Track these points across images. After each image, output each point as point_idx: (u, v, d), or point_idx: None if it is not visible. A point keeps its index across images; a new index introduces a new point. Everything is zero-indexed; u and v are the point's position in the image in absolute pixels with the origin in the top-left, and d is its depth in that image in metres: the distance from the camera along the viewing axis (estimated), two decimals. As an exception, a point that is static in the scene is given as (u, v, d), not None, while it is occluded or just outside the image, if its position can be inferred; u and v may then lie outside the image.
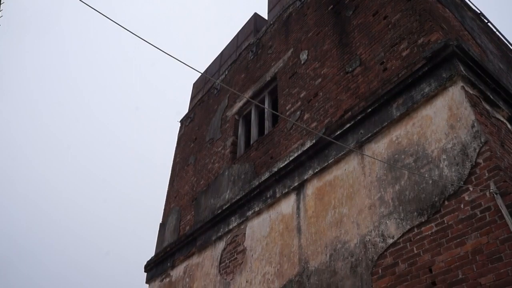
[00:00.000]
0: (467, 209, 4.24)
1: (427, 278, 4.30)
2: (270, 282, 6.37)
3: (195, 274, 8.59)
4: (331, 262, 5.48)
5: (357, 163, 5.76)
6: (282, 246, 6.44)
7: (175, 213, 10.81)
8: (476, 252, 3.99)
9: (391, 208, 5.01)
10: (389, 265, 4.73)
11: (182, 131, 13.24)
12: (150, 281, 10.60)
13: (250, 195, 7.51)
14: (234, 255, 7.52)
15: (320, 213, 6.00)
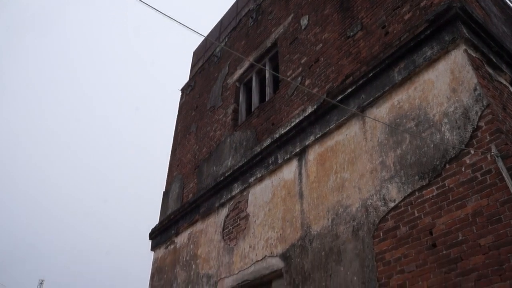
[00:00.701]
0: (468, 172, 4.27)
1: (427, 240, 4.37)
2: (273, 247, 6.47)
3: (199, 240, 8.72)
4: (333, 226, 5.55)
5: (358, 128, 5.77)
6: (285, 212, 6.51)
7: (178, 181, 10.90)
8: (476, 214, 4.04)
9: (392, 172, 5.04)
10: (390, 228, 4.79)
11: (183, 99, 13.20)
12: (155, 248, 10.77)
13: (252, 161, 7.55)
14: (237, 221, 7.61)
15: (321, 178, 6.05)
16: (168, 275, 9.51)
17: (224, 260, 7.60)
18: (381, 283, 4.64)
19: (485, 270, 3.80)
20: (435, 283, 4.14)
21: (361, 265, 4.95)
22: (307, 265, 5.71)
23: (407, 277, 4.41)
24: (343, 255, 5.24)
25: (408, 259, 4.48)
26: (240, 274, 6.99)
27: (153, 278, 10.29)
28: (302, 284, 5.69)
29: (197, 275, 8.31)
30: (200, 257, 8.44)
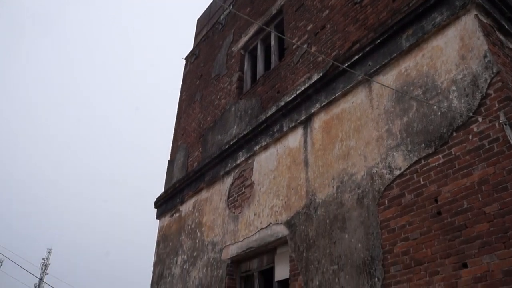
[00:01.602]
0: (475, 140, 4.23)
1: (432, 208, 4.37)
2: (278, 215, 6.51)
3: (204, 208, 8.78)
4: (338, 194, 5.56)
5: (364, 96, 5.70)
6: (290, 179, 6.52)
7: (183, 150, 10.91)
8: (482, 182, 4.02)
9: (398, 140, 5.00)
10: (395, 196, 4.79)
11: (187, 68, 13.09)
12: (160, 216, 10.88)
13: (257, 130, 7.52)
14: (242, 189, 7.64)
15: (327, 146, 6.02)
16: (174, 243, 9.63)
17: (229, 227, 7.66)
18: (385, 250, 4.67)
19: (489, 237, 3.81)
20: (439, 250, 4.17)
21: (365, 233, 4.98)
22: (312, 233, 5.75)
23: (411, 244, 4.43)
24: (347, 222, 5.26)
25: (412, 226, 4.49)
26: (245, 242, 7.06)
27: (159, 245, 10.43)
28: (306, 251, 5.74)
29: (202, 242, 8.41)
30: (205, 225, 8.52)
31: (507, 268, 3.61)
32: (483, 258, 3.81)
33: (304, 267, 5.70)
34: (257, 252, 6.94)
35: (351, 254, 5.06)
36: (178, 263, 9.15)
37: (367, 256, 4.86)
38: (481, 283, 3.76)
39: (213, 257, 7.86)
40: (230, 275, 7.36)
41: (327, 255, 5.40)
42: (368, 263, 4.81)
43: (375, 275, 4.69)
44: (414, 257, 4.36)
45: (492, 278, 3.70)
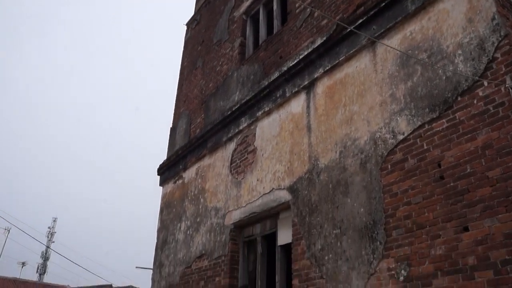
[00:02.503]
0: (480, 104, 4.19)
1: (435, 172, 4.37)
2: (281, 180, 6.54)
3: (207, 175, 8.82)
4: (340, 159, 5.57)
5: (368, 60, 5.63)
6: (292, 145, 6.52)
7: (185, 117, 10.89)
8: (486, 147, 4.01)
9: (402, 105, 4.97)
10: (398, 161, 4.79)
11: (189, 34, 12.90)
12: (163, 183, 10.94)
13: (260, 95, 7.47)
14: (245, 155, 7.66)
15: (330, 111, 5.99)
16: (177, 209, 9.72)
17: (232, 193, 7.71)
18: (387, 214, 4.71)
19: (491, 201, 3.83)
20: (441, 214, 4.19)
21: (368, 197, 5.00)
22: (314, 197, 5.79)
23: (414, 209, 4.46)
24: (350, 187, 5.29)
25: (415, 191, 4.51)
26: (248, 207, 7.12)
27: (162, 212, 10.54)
28: (309, 215, 5.79)
29: (206, 208, 8.48)
30: (208, 191, 8.58)
31: (508, 231, 3.64)
32: (484, 221, 3.84)
33: (306, 232, 5.76)
34: (260, 217, 7.01)
35: (354, 218, 5.10)
36: (181, 229, 9.26)
37: (369, 220, 4.90)
38: (481, 246, 3.80)
39: (216, 223, 7.95)
40: (233, 240, 7.46)
41: (329, 219, 5.45)
42: (370, 227, 4.85)
43: (377, 239, 4.74)
44: (416, 221, 4.40)
45: (492, 241, 3.73)
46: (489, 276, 3.67)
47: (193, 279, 8.27)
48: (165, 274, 9.53)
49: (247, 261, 7.42)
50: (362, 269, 4.81)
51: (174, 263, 9.21)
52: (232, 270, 7.28)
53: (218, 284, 7.44)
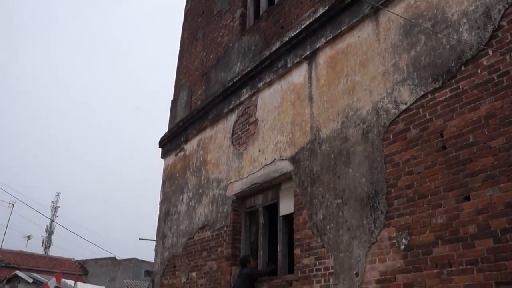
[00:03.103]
0: (484, 74, 4.15)
1: (437, 142, 4.37)
2: (282, 151, 6.54)
3: (208, 146, 8.83)
4: (342, 129, 5.56)
5: (371, 30, 5.56)
6: (294, 116, 6.50)
7: (186, 89, 10.83)
8: (489, 117, 3.99)
9: (405, 75, 4.92)
10: (400, 131, 4.78)
11: (189, 5, 12.70)
12: (165, 156, 10.97)
13: (261, 66, 7.40)
14: (246, 126, 7.64)
15: (332, 81, 5.95)
16: (179, 181, 9.77)
17: (233, 164, 7.74)
18: (389, 184, 4.72)
19: (493, 171, 3.83)
20: (442, 184, 4.21)
21: (369, 167, 5.01)
22: (316, 168, 5.80)
23: (415, 178, 4.47)
24: (352, 157, 5.29)
25: (417, 160, 4.51)
26: (250, 178, 7.15)
27: (165, 184, 10.59)
28: (310, 185, 5.82)
29: (208, 179, 8.52)
30: (210, 162, 8.60)
31: (509, 200, 3.66)
32: (486, 191, 3.85)
33: (308, 202, 5.80)
34: (261, 188, 7.04)
35: (355, 188, 5.13)
36: (184, 201, 9.32)
37: (371, 190, 4.92)
38: (482, 215, 3.82)
39: (218, 194, 8.00)
40: (235, 211, 7.52)
41: (331, 189, 5.47)
42: (372, 197, 4.88)
43: (378, 208, 4.77)
44: (418, 191, 4.42)
45: (493, 210, 3.75)
46: (489, 244, 3.71)
47: (196, 250, 8.38)
48: (168, 245, 9.65)
49: (249, 231, 7.49)
50: (364, 238, 4.86)
51: (177, 234, 9.31)
52: (234, 241, 7.37)
53: (220, 254, 7.54)
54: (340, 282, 5.03)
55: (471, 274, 3.78)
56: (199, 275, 8.06)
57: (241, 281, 6.52)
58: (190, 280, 8.32)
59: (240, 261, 6.90)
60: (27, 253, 38.34)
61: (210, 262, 7.79)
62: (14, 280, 27.57)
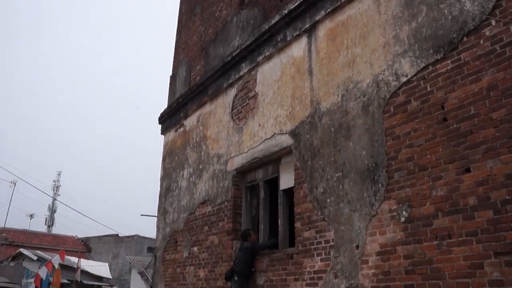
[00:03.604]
0: (486, 44, 4.09)
1: (438, 115, 4.34)
2: (282, 125, 6.52)
3: (208, 122, 8.80)
4: (342, 102, 5.52)
5: (371, 1, 5.46)
6: (294, 89, 6.45)
7: (185, 65, 10.74)
8: (491, 88, 3.95)
9: (406, 46, 4.86)
10: (401, 103, 4.75)
11: (186, -21, 12.51)
12: (165, 132, 10.95)
13: (260, 40, 7.32)
14: (246, 101, 7.60)
15: (332, 54, 5.88)
16: (179, 157, 9.78)
17: (233, 139, 7.72)
18: (389, 156, 4.72)
19: (494, 143, 3.82)
20: (443, 156, 4.20)
21: (370, 140, 5.00)
22: (316, 141, 5.79)
23: (416, 151, 4.46)
24: (352, 130, 5.27)
25: (417, 133, 4.50)
26: (250, 152, 7.14)
27: (165, 160, 10.61)
28: (311, 159, 5.81)
29: (208, 155, 8.52)
30: (210, 137, 8.59)
31: (509, 172, 3.66)
32: (486, 162, 3.84)
33: (308, 175, 5.81)
34: (262, 162, 7.05)
35: (356, 161, 5.12)
36: (184, 176, 9.35)
37: (371, 163, 4.91)
38: (482, 187, 3.82)
39: (219, 169, 8.01)
40: (236, 186, 7.54)
41: (331, 162, 5.47)
42: (372, 170, 4.88)
43: (379, 181, 4.77)
44: (418, 163, 4.41)
45: (493, 181, 3.75)
46: (489, 216, 3.72)
47: (197, 225, 8.44)
48: (169, 220, 9.71)
49: (250, 206, 7.53)
50: (364, 211, 4.88)
51: (178, 210, 9.36)
52: (235, 215, 7.41)
53: (221, 228, 7.59)
54: (341, 255, 5.07)
55: (471, 245, 3.81)
56: (201, 250, 8.14)
57: (242, 255, 6.58)
58: (192, 255, 8.41)
59: (241, 235, 6.96)
60: (31, 232, 38.71)
61: (212, 236, 7.85)
62: (19, 257, 27.89)
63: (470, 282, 3.75)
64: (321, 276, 5.29)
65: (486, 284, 3.63)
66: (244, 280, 6.50)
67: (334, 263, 5.15)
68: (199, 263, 8.13)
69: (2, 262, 29.20)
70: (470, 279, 3.76)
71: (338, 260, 5.09)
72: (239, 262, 6.57)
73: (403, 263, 4.35)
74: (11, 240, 33.69)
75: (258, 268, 6.52)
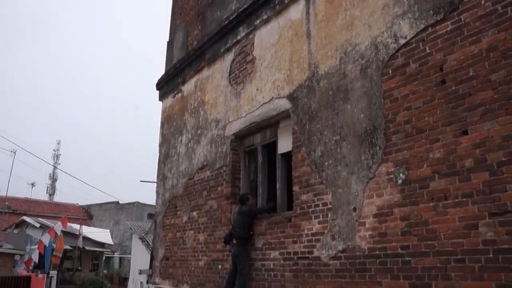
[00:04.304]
0: (487, 4, 4.01)
1: (437, 77, 4.31)
2: (280, 88, 6.48)
3: (205, 87, 8.75)
4: (341, 65, 5.47)
5: (371, -39, 5.34)
6: (292, 53, 6.38)
7: (182, 30, 10.59)
8: (491, 49, 3.90)
9: (405, 8, 4.78)
10: (399, 66, 4.70)
11: None
12: (162, 98, 10.90)
13: (258, 3, 7.18)
14: (244, 65, 7.53)
15: (330, 16, 5.79)
16: (178, 123, 9.76)
17: (231, 104, 7.69)
18: (387, 119, 4.71)
19: (492, 105, 3.80)
20: (441, 118, 4.19)
21: (368, 103, 4.98)
22: (314, 105, 5.76)
23: (414, 113, 4.45)
24: (350, 93, 5.24)
25: (416, 95, 4.47)
26: (248, 117, 7.13)
27: (163, 126, 10.60)
28: (309, 123, 5.81)
29: (206, 120, 8.51)
30: (207, 103, 8.55)
31: (506, 134, 3.65)
32: (484, 124, 3.83)
33: (306, 139, 5.81)
34: (260, 127, 7.04)
35: (353, 124, 5.12)
36: (183, 142, 9.36)
37: (369, 126, 4.91)
38: (479, 149, 3.83)
39: (217, 134, 8.01)
40: (234, 150, 7.56)
41: (329, 126, 5.47)
42: (370, 133, 4.88)
43: (376, 143, 4.78)
44: (416, 126, 4.40)
45: (490, 143, 3.75)
46: (485, 178, 3.74)
47: (196, 190, 8.50)
48: (168, 186, 9.78)
49: (248, 170, 7.57)
50: (361, 174, 4.90)
51: (177, 176, 9.41)
52: (234, 180, 7.46)
53: (220, 193, 7.65)
54: (338, 217, 5.12)
55: (466, 207, 3.84)
56: (200, 214, 8.22)
57: (241, 219, 6.66)
58: (192, 219, 8.50)
59: (239, 199, 7.03)
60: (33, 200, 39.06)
61: (211, 201, 7.92)
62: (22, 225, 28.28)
63: (465, 242, 3.81)
64: (319, 238, 5.36)
65: (480, 243, 3.69)
66: (243, 243, 6.59)
67: (331, 225, 5.21)
68: (198, 227, 8.23)
69: (6, 230, 29.61)
70: (465, 239, 3.81)
71: (335, 223, 5.15)
72: (237, 226, 6.65)
73: (400, 225, 4.40)
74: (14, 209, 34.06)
75: (256, 231, 6.60)
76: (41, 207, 37.65)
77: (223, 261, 7.30)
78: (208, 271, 7.71)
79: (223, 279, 7.07)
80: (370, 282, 4.63)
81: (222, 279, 7.14)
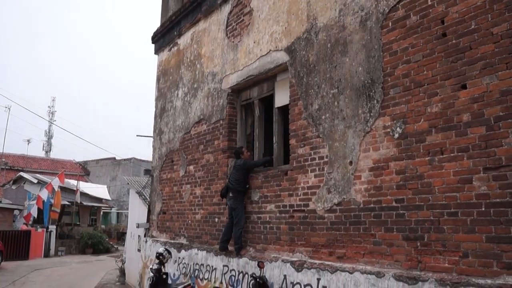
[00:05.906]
0: (493, -47, 3.89)
1: (438, 29, 4.22)
2: (278, 41, 6.37)
3: (202, 40, 8.60)
4: (340, 17, 5.35)
5: None
6: (290, 4, 6.23)
7: (178, -20, 10.30)
8: (495, 1, 3.81)
9: (408, -43, 4.62)
10: (400, 18, 4.61)
11: None
12: (158, 51, 10.75)
13: (256, -48, 6.97)
14: (241, 17, 7.37)
15: (331, -34, 5.62)
16: (174, 76, 9.66)
17: (228, 57, 7.58)
18: (385, 72, 4.65)
19: (493, 58, 3.75)
20: (440, 72, 4.14)
21: (367, 56, 4.90)
22: (312, 58, 5.68)
23: (413, 67, 4.40)
24: (349, 46, 5.16)
25: (415, 49, 4.40)
26: (245, 70, 7.04)
27: (159, 80, 10.49)
28: (306, 76, 5.74)
29: (202, 73, 8.41)
30: (204, 56, 8.43)
31: (505, 88, 3.62)
32: (483, 79, 3.80)
33: (304, 92, 5.76)
34: (257, 80, 6.97)
35: (351, 78, 5.06)
36: (179, 96, 9.29)
37: (367, 79, 4.86)
38: (477, 103, 3.80)
39: (214, 88, 7.94)
40: (231, 104, 7.52)
41: (327, 79, 5.41)
42: (368, 86, 4.83)
43: (374, 97, 4.74)
44: (414, 79, 4.36)
45: (489, 98, 3.73)
46: (481, 132, 3.74)
47: (192, 144, 8.51)
48: (165, 140, 9.78)
49: (245, 124, 7.55)
50: (358, 128, 4.89)
51: (173, 130, 9.40)
52: (230, 133, 7.45)
53: (217, 147, 7.66)
54: (334, 171, 5.15)
55: (461, 161, 3.86)
56: (197, 168, 8.27)
57: (236, 172, 6.70)
58: (188, 173, 8.55)
59: (234, 153, 7.05)
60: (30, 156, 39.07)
61: (207, 155, 7.94)
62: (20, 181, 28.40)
63: (458, 196, 3.85)
64: (315, 191, 5.41)
65: (473, 197, 3.73)
66: (239, 196, 6.65)
67: (327, 178, 5.24)
68: (195, 181, 8.29)
69: (4, 186, 29.78)
70: (458, 193, 3.85)
71: (331, 176, 5.19)
72: (233, 180, 6.69)
73: (395, 178, 4.44)
74: (11, 165, 34.13)
75: (253, 185, 6.66)
76: (38, 163, 37.72)
77: (220, 215, 7.40)
78: (205, 224, 7.83)
79: (220, 232, 7.19)
80: (364, 234, 4.71)
81: (219, 232, 7.25)
